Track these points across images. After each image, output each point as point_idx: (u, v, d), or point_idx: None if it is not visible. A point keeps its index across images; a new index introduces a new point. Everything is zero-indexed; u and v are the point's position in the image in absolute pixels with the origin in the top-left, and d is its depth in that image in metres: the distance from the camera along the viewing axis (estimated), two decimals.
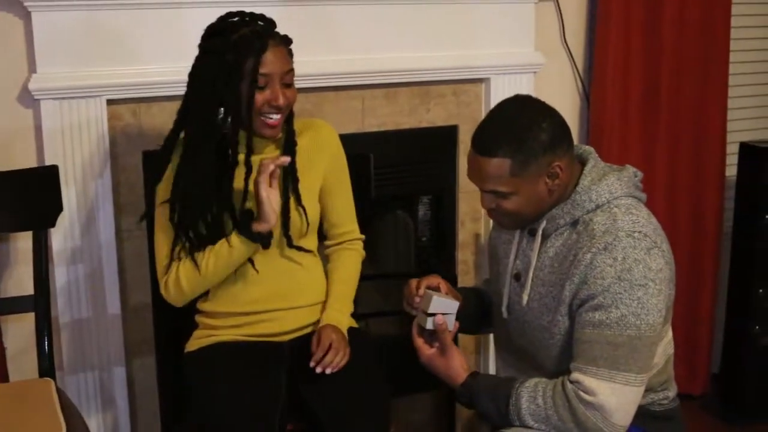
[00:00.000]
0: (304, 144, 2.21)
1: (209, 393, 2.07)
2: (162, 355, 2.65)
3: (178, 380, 2.57)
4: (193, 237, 2.10)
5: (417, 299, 2.04)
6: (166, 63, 2.45)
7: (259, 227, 2.06)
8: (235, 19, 2.08)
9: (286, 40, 2.11)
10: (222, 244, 2.09)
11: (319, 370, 2.03)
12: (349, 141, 2.33)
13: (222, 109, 2.05)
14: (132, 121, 2.49)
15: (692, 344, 3.46)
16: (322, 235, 2.35)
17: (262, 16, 2.11)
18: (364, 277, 2.43)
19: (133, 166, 2.51)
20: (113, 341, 2.55)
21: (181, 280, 2.12)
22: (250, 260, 2.13)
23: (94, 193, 2.45)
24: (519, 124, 1.86)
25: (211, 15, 2.40)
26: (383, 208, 3.00)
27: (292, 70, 2.10)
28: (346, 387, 2.06)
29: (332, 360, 2.04)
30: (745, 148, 3.30)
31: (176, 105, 2.33)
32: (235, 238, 2.07)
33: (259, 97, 2.04)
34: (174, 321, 2.58)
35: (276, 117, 2.08)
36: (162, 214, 2.13)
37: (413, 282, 2.08)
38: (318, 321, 2.21)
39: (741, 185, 3.33)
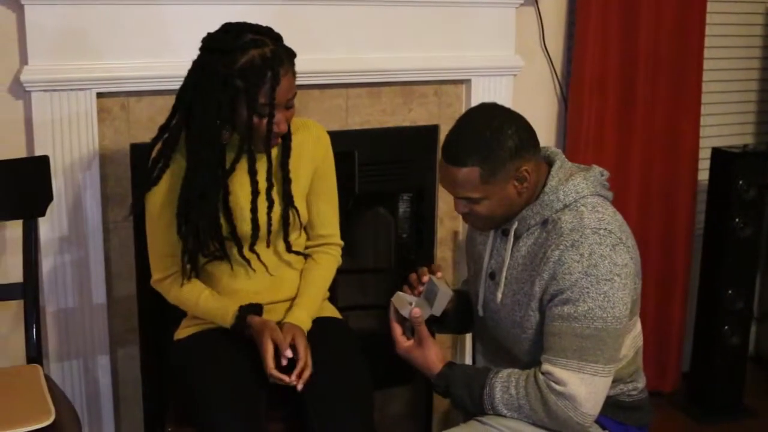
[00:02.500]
0: (296, 143, 2.22)
1: (199, 379, 2.11)
2: (146, 344, 2.70)
3: (161, 370, 2.63)
4: (201, 247, 2.14)
5: (421, 285, 2.10)
6: (156, 57, 2.50)
7: (252, 322, 2.13)
8: (245, 38, 2.00)
9: (292, 59, 2.06)
10: (219, 312, 2.17)
11: (300, 387, 2.04)
12: (332, 138, 2.37)
13: (226, 127, 2.05)
14: (121, 114, 2.54)
15: (663, 343, 3.55)
16: None
17: (269, 31, 2.05)
18: (343, 271, 2.48)
19: (121, 159, 2.56)
20: (98, 330, 2.60)
21: (169, 297, 2.24)
22: (248, 261, 2.19)
23: (81, 184, 2.50)
24: (486, 133, 1.93)
25: (202, 11, 2.48)
26: (365, 204, 3.06)
27: (296, 92, 2.09)
28: (331, 375, 2.11)
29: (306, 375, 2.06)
30: (717, 154, 3.39)
31: (165, 99, 2.39)
32: (229, 318, 2.15)
33: (262, 123, 2.02)
34: (158, 311, 2.63)
35: (276, 137, 2.09)
36: (158, 216, 2.16)
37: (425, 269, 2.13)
38: None
39: (712, 189, 3.41)
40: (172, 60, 2.45)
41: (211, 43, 2.04)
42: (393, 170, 2.98)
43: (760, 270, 3.66)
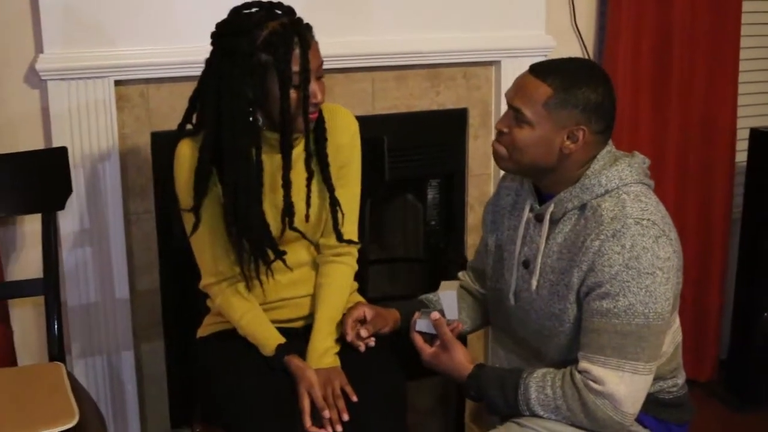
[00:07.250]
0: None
1: (223, 379, 2.04)
2: (170, 339, 2.65)
3: (186, 365, 2.58)
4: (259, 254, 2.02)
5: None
6: (175, 44, 2.43)
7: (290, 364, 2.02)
8: (254, 10, 1.93)
9: (310, 28, 1.97)
10: (259, 341, 2.06)
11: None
12: (359, 124, 2.27)
13: (259, 113, 1.95)
14: (140, 102, 2.47)
15: (700, 330, 3.45)
16: None
17: (279, 4, 1.96)
18: (373, 261, 2.40)
19: (141, 148, 2.50)
20: (121, 325, 2.55)
21: (216, 302, 2.12)
22: (283, 261, 2.07)
23: (101, 175, 2.44)
24: (584, 74, 1.88)
25: None
26: (392, 191, 2.99)
27: (323, 62, 1.99)
28: (362, 376, 2.03)
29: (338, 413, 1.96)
30: (756, 134, 3.28)
31: (185, 86, 2.32)
32: (267, 351, 2.05)
33: (295, 96, 1.92)
34: (182, 305, 2.59)
35: (314, 111, 1.98)
36: (208, 217, 2.03)
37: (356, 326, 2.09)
38: None
39: (751, 171, 3.31)
40: (190, 45, 2.37)
41: (224, 29, 1.95)
42: (421, 155, 2.90)
43: None
